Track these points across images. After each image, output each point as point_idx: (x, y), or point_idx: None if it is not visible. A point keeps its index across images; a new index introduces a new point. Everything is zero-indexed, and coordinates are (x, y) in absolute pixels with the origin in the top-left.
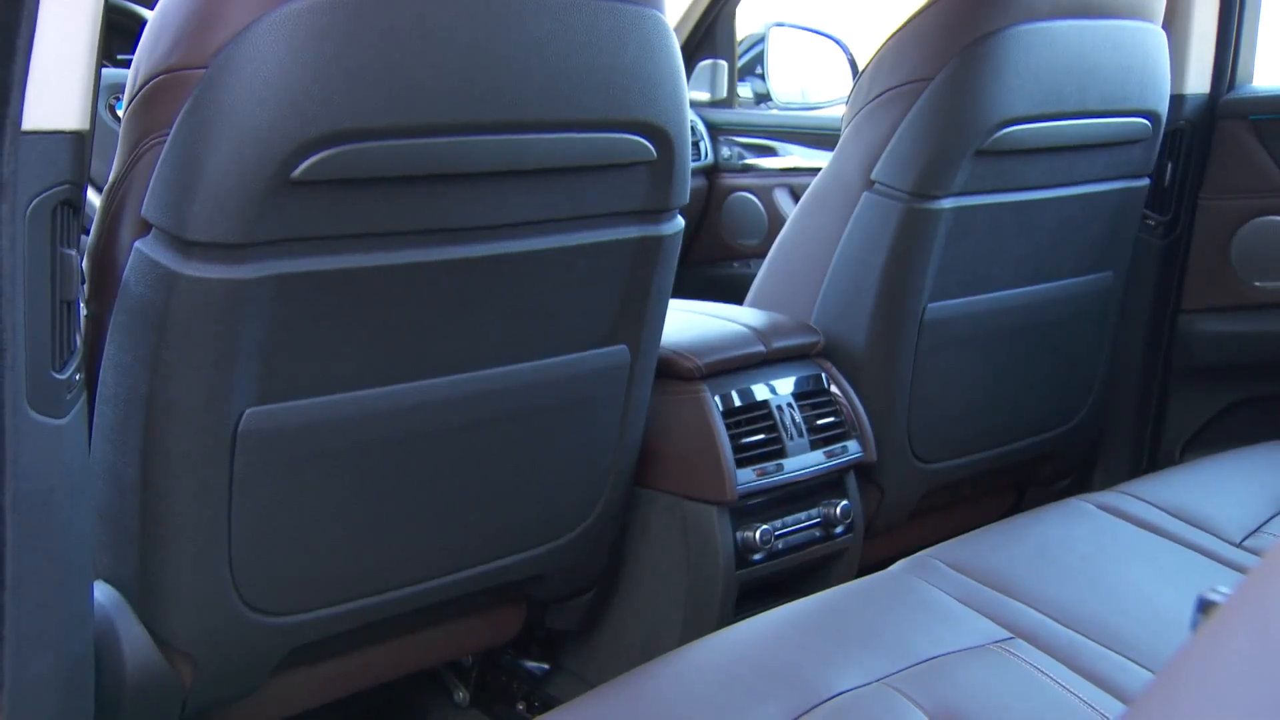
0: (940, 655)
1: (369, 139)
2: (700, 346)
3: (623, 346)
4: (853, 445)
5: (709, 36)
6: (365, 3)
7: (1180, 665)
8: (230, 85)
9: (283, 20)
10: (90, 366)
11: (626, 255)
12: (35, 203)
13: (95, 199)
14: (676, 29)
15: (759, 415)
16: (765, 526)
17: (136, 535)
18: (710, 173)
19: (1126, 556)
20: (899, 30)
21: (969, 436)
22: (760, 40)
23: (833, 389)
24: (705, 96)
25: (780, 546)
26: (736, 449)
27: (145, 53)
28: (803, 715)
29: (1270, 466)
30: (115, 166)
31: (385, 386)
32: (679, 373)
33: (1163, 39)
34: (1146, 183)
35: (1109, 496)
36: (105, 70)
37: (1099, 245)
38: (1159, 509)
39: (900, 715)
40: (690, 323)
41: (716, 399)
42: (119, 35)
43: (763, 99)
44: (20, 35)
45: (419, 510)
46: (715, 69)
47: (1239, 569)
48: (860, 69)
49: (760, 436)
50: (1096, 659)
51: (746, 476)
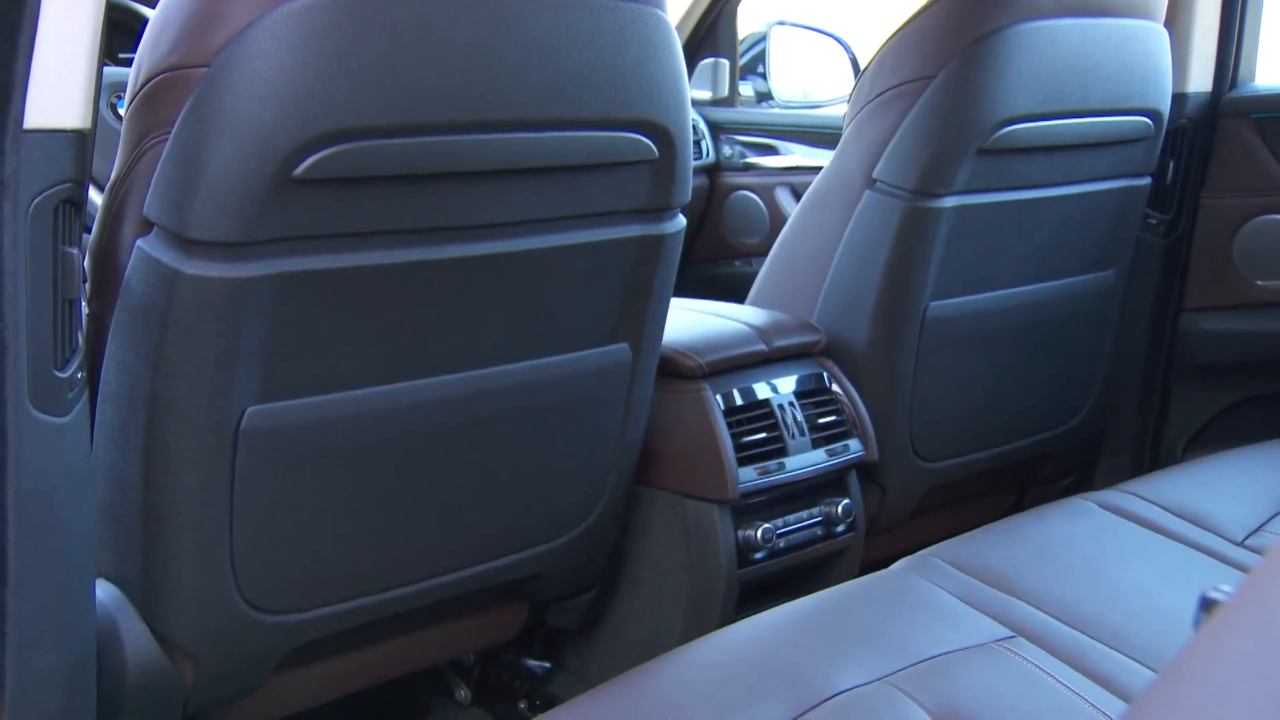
0: (942, 654)
1: (370, 137)
2: (702, 345)
3: (624, 345)
4: (854, 444)
5: (710, 35)
6: (367, 1)
7: (1183, 664)
8: (232, 84)
9: (284, 19)
10: (92, 365)
11: (628, 254)
12: (37, 201)
13: (97, 198)
14: (678, 27)
15: (760, 414)
16: (767, 525)
17: (138, 533)
18: (712, 171)
19: (1128, 555)
20: (901, 29)
21: (970, 435)
22: (762, 39)
23: (834, 387)
24: (707, 95)
25: (782, 545)
26: (738, 448)
27: (147, 51)
28: (804, 714)
29: (1272, 465)
30: (117, 165)
31: (387, 385)
32: (680, 371)
33: (1165, 37)
34: (1148, 181)
35: (1111, 495)
36: (107, 69)
37: (1100, 244)
38: (1161, 508)
39: (902, 714)
40: (692, 321)
41: (718, 397)
42: (121, 34)
43: (764, 98)
44: (22, 34)
45: (420, 509)
46: (717, 67)
47: (1241, 568)
48: (862, 68)
49: (762, 435)
50: (1098, 658)
51: (748, 475)
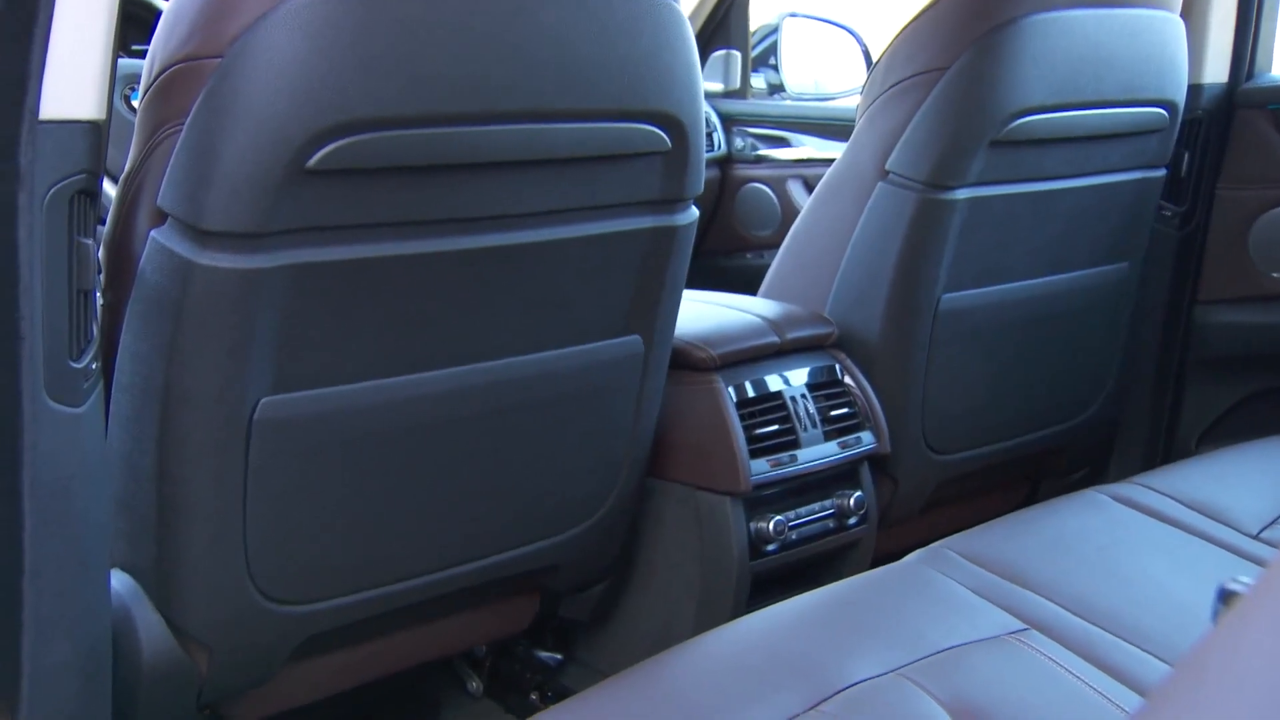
0: (955, 646)
1: (384, 128)
2: (714, 337)
3: (636, 337)
4: (867, 436)
5: (722, 27)
6: None
7: (1201, 656)
8: (246, 74)
9: (298, 9)
10: (107, 356)
11: (641, 245)
12: (53, 192)
13: (111, 189)
14: (690, 19)
15: (773, 406)
16: (779, 517)
17: (153, 524)
18: (723, 163)
19: (1142, 548)
20: (914, 20)
21: (983, 428)
22: (774, 31)
23: (847, 380)
24: (718, 87)
25: (794, 537)
26: (750, 440)
27: (161, 42)
28: (818, 705)
29: None
30: (131, 156)
31: (400, 377)
32: (693, 363)
33: (1180, 28)
34: (1163, 173)
35: (1124, 488)
36: (120, 61)
37: (1115, 236)
38: (1175, 501)
39: (915, 706)
40: (704, 313)
41: (730, 390)
42: (134, 26)
43: (776, 90)
44: (38, 25)
45: (433, 500)
46: (729, 59)
47: (1256, 561)
48: (874, 59)
49: (774, 427)
50: (1112, 650)
51: (760, 467)
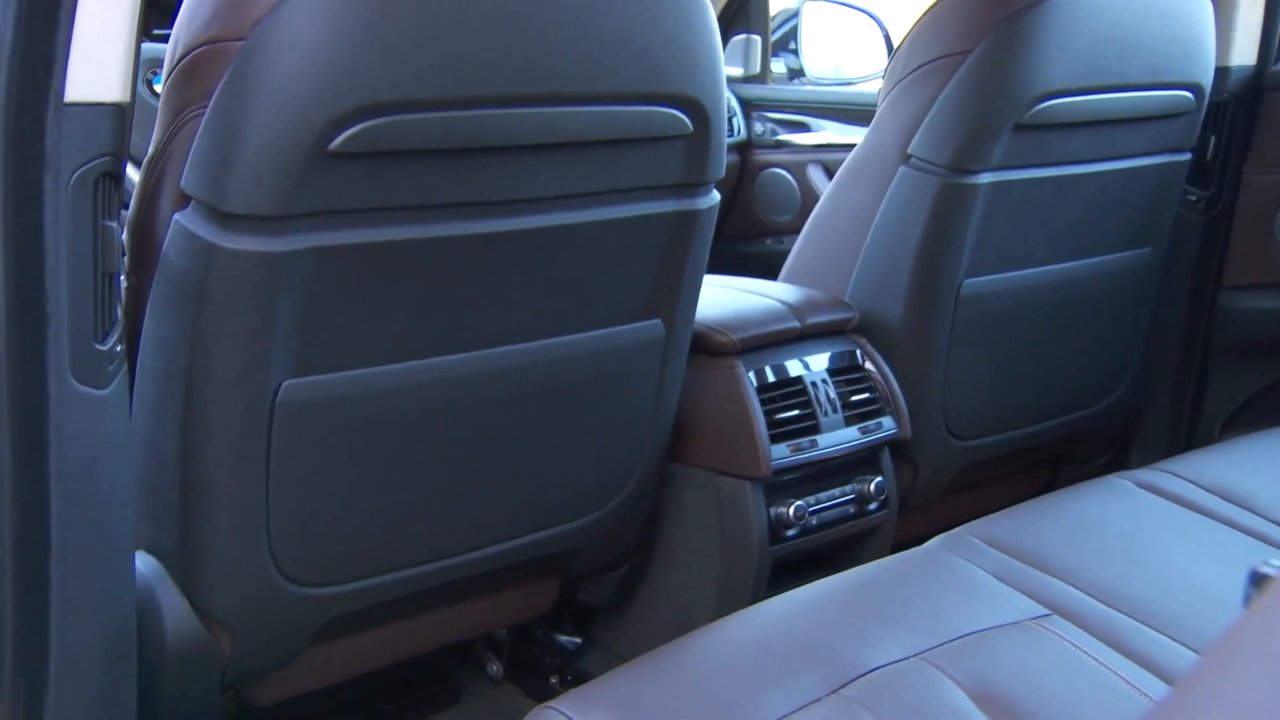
0: (977, 631)
1: (405, 111)
2: (735, 322)
3: (657, 321)
4: (887, 422)
5: (743, 11)
6: None
7: (1233, 640)
8: (268, 57)
9: None
10: (131, 338)
11: (662, 229)
12: (77, 174)
13: (133, 174)
14: (711, 3)
15: (793, 391)
16: (799, 502)
17: (176, 506)
18: (743, 149)
19: (1166, 534)
20: (937, 3)
21: (1004, 414)
22: (794, 15)
23: (867, 365)
24: (738, 72)
25: (814, 523)
26: (770, 425)
27: (184, 25)
28: (839, 689)
29: None
30: (154, 139)
31: (421, 360)
32: (713, 348)
33: (1208, 9)
34: (1188, 157)
35: (1148, 474)
36: (143, 45)
37: (1138, 221)
38: (1199, 487)
39: (937, 690)
40: (725, 298)
41: (751, 374)
42: (156, 10)
43: (796, 74)
44: (63, 8)
45: (454, 484)
46: (749, 44)
47: None
48: (895, 44)
49: (794, 412)
50: (1135, 636)
51: (780, 452)
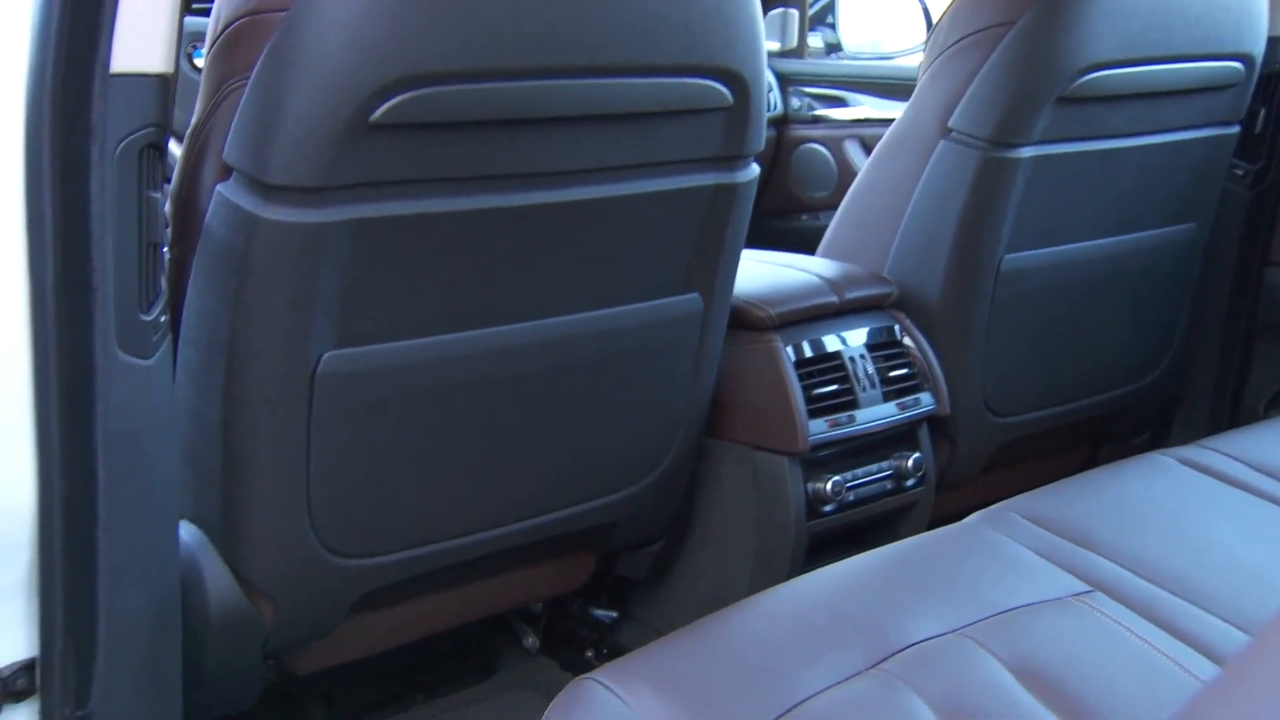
0: (1018, 607)
1: (446, 82)
2: (773, 296)
3: (695, 295)
4: (926, 397)
5: None
6: None
7: None
8: (310, 28)
9: None
10: (173, 310)
11: (701, 202)
12: (123, 145)
13: (174, 148)
14: None
15: (831, 366)
16: (836, 478)
17: (218, 476)
18: (779, 124)
19: (1211, 512)
20: None
21: (1044, 390)
22: None
23: (906, 340)
24: (775, 46)
25: (851, 498)
26: (808, 400)
27: None
28: (878, 664)
29: None
30: (197, 110)
31: (460, 333)
32: (751, 323)
33: None
34: (1236, 130)
35: (1192, 451)
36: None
37: (1183, 195)
38: (1245, 465)
39: (978, 666)
40: (763, 273)
41: (789, 349)
42: None
43: (833, 49)
44: None
45: (492, 456)
46: (786, 18)
47: None
48: (935, 17)
49: (833, 387)
50: (1180, 614)
51: (818, 427)
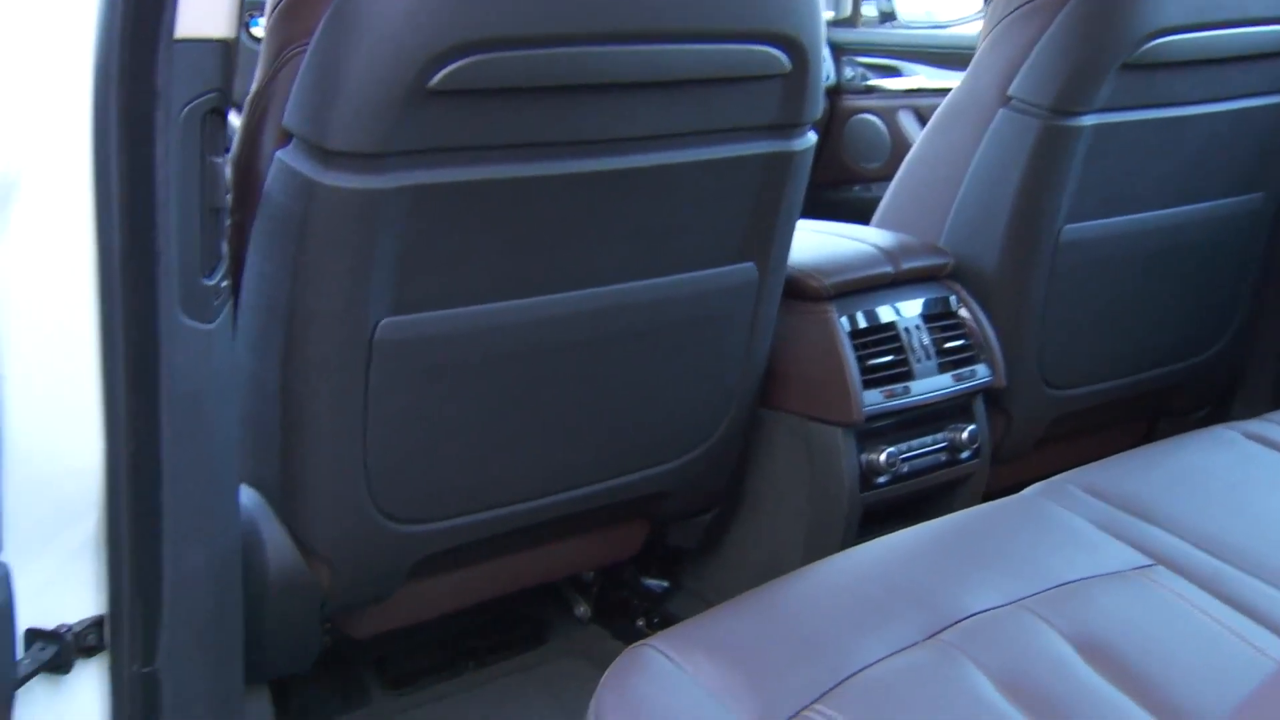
0: (1078, 580)
1: (504, 48)
2: (828, 266)
3: (750, 264)
4: (982, 369)
5: None
6: None
7: None
8: None
9: None
10: (234, 275)
11: (757, 171)
12: (186, 110)
13: (233, 118)
14: None
15: (886, 337)
16: (891, 449)
17: (278, 441)
18: (832, 94)
19: (1276, 486)
20: None
21: (1102, 363)
22: None
23: (962, 312)
24: (829, 15)
25: (905, 470)
26: (863, 371)
27: None
28: (936, 634)
29: None
30: (258, 77)
31: (515, 300)
32: (806, 293)
33: None
34: None
35: (1256, 425)
36: None
37: (1250, 165)
38: None
39: (1037, 637)
40: (817, 242)
41: (844, 320)
42: None
43: (887, 17)
44: None
45: (546, 424)
46: None
47: None
48: None
49: (887, 359)
50: (1244, 588)
51: (873, 398)
